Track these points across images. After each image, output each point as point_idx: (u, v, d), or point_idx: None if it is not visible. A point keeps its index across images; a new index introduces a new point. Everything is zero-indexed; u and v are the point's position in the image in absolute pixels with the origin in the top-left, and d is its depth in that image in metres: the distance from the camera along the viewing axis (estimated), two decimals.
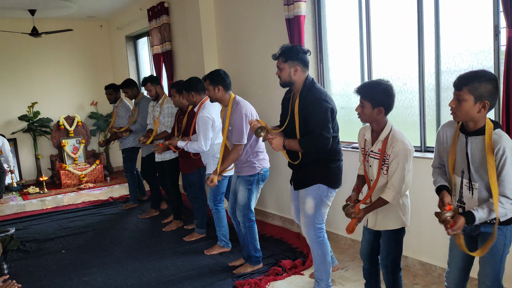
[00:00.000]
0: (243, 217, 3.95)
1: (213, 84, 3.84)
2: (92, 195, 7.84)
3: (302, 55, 3.17)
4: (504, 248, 2.34)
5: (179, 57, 6.98)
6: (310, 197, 3.26)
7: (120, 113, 6.33)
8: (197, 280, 3.92)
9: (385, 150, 2.69)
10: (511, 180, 2.17)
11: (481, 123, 2.25)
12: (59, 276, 4.25)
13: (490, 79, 2.18)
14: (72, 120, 9.10)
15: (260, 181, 3.92)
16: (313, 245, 3.36)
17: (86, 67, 9.47)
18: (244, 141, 3.78)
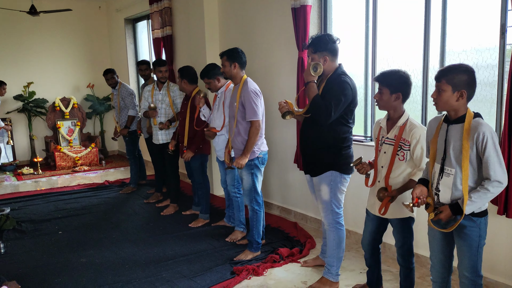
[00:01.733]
0: (250, 201, 4.03)
1: (230, 60, 3.94)
2: (87, 178, 7.82)
3: (331, 45, 3.20)
4: (480, 239, 2.44)
5: (179, 42, 6.94)
6: (324, 184, 3.33)
7: (123, 96, 6.28)
8: (195, 264, 3.95)
9: (402, 136, 2.81)
10: (494, 162, 2.28)
11: (461, 111, 2.40)
12: (56, 257, 4.25)
13: (465, 70, 2.36)
14: (68, 102, 9.04)
15: (260, 164, 4.01)
16: (330, 230, 3.42)
17: (83, 48, 9.39)
18: (259, 116, 3.85)
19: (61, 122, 8.84)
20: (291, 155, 5.00)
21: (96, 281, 3.70)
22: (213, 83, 4.45)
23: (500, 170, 2.30)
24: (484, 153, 2.30)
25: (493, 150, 2.29)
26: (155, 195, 6.12)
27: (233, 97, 4.01)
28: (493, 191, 2.34)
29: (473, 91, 2.39)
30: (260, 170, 4.03)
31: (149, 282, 3.64)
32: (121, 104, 6.29)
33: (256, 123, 3.84)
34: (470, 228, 2.44)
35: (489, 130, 2.31)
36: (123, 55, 8.96)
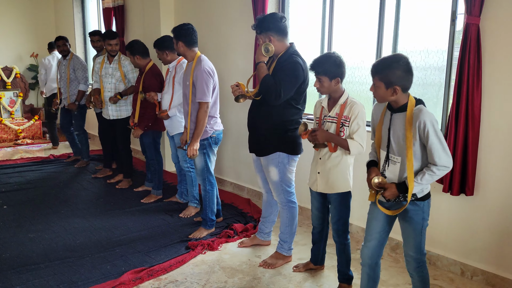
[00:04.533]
0: (203, 180, 3.99)
1: (176, 38, 3.80)
2: (30, 151, 7.53)
3: (276, 24, 3.17)
4: (423, 221, 2.53)
5: (132, 13, 6.73)
6: (272, 166, 3.37)
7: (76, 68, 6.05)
8: (150, 241, 3.93)
9: (343, 114, 2.89)
10: (437, 149, 2.34)
11: (401, 101, 2.43)
12: (2, 232, 4.10)
13: (398, 65, 2.36)
14: (10, 72, 8.60)
15: (213, 144, 3.95)
16: (283, 208, 3.49)
17: (26, 15, 8.92)
18: (208, 98, 3.71)
19: (2, 92, 8.39)
20: (244, 132, 5.00)
21: (47, 256, 3.62)
22: (161, 55, 4.40)
23: (444, 155, 2.35)
24: (427, 141, 2.34)
25: (435, 137, 2.33)
26: (103, 171, 5.99)
27: (186, 75, 3.88)
28: (439, 174, 2.39)
29: (409, 82, 2.40)
30: (213, 150, 3.97)
31: (102, 257, 3.60)
32: (71, 76, 6.06)
33: (205, 105, 3.70)
34: (414, 212, 2.50)
35: (429, 117, 2.35)
36: (70, 25, 8.59)
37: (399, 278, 3.40)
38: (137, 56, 4.72)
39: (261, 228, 3.89)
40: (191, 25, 3.83)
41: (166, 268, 3.44)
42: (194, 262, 3.60)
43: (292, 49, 3.24)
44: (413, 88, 3.68)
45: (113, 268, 3.43)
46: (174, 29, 3.82)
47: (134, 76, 5.20)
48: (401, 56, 2.40)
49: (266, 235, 3.89)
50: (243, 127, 5.02)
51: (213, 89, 3.79)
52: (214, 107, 3.88)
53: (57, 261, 3.53)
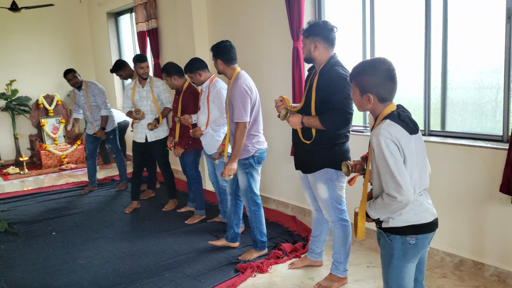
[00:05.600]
0: (247, 201, 3.89)
1: (215, 57, 3.77)
2: (74, 176, 7.66)
3: (325, 32, 3.09)
4: (391, 258, 2.23)
5: (165, 35, 6.79)
6: (320, 183, 3.24)
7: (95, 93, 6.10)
8: (197, 264, 3.87)
9: None
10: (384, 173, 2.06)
11: (377, 112, 2.19)
12: (52, 259, 4.13)
13: (375, 70, 2.12)
14: (52, 99, 8.82)
15: (255, 163, 3.82)
16: (335, 227, 3.35)
17: (65, 44, 9.16)
18: (246, 118, 3.62)
19: (45, 119, 8.62)
20: (287, 147, 4.94)
21: (97, 283, 3.60)
22: (195, 78, 4.36)
23: (391, 182, 2.03)
24: (376, 162, 2.10)
25: (382, 159, 2.04)
26: (146, 192, 6.00)
27: (227, 93, 3.85)
28: (388, 203, 2.07)
29: (386, 90, 2.13)
30: (256, 169, 3.83)
31: (152, 283, 3.56)
32: (92, 103, 6.09)
33: (242, 125, 3.61)
34: (384, 242, 2.26)
35: (384, 133, 2.04)
36: (106, 50, 8.77)
37: None
38: (174, 77, 4.73)
39: (312, 248, 3.75)
40: (229, 42, 3.78)
41: None
42: (244, 286, 3.50)
43: (334, 59, 3.14)
44: (468, 91, 3.59)
45: None
46: (212, 47, 3.78)
47: (167, 96, 5.21)
48: (382, 61, 2.15)
49: (317, 255, 3.75)
50: (284, 141, 4.95)
51: (252, 107, 3.70)
52: (255, 125, 3.77)
53: None
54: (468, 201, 3.45)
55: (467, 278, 3.42)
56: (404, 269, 2.22)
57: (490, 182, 3.30)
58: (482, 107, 3.57)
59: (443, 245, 3.66)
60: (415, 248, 2.19)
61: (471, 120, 3.66)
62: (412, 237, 2.17)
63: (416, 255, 2.22)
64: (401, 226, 2.17)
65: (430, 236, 2.23)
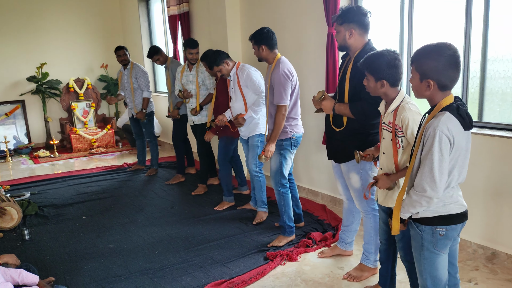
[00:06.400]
0: (276, 184, 3.88)
1: (257, 44, 3.78)
2: (104, 160, 7.73)
3: (360, 17, 2.98)
4: (423, 249, 2.22)
5: (197, 18, 6.73)
6: (353, 172, 3.17)
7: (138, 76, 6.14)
8: (227, 250, 3.85)
9: (395, 122, 2.49)
10: (426, 165, 2.03)
11: (435, 100, 2.09)
12: (82, 243, 4.17)
13: (438, 55, 2.02)
14: (82, 83, 8.91)
15: (292, 146, 3.84)
16: (367, 216, 3.29)
17: (96, 28, 9.20)
18: (286, 101, 3.68)
19: (76, 103, 8.72)
20: (319, 136, 4.85)
21: (127, 268, 3.62)
22: (223, 69, 4.31)
23: (428, 177, 2.02)
24: (423, 152, 2.05)
25: (433, 152, 1.99)
26: (176, 177, 6.02)
27: (266, 77, 3.87)
28: (416, 199, 2.08)
29: (447, 78, 2.03)
30: (290, 152, 3.85)
31: (182, 269, 3.55)
32: (134, 85, 6.15)
33: (283, 108, 3.66)
34: (414, 234, 2.26)
35: (442, 128, 1.98)
36: (137, 34, 8.77)
37: None
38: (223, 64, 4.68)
39: (342, 238, 3.69)
40: (268, 28, 3.81)
41: (247, 281, 3.32)
42: (274, 274, 3.46)
43: (369, 46, 3.04)
44: (508, 81, 3.43)
45: (193, 280, 3.36)
46: (254, 35, 3.80)
47: (212, 82, 5.21)
48: (447, 46, 2.03)
49: (348, 245, 3.69)
50: (315, 129, 4.86)
51: (292, 91, 3.73)
52: (294, 109, 3.81)
53: (137, 273, 3.52)
54: (504, 194, 3.35)
55: (499, 271, 3.33)
56: (436, 261, 2.22)
57: None
58: None
59: (476, 237, 3.56)
60: (445, 239, 2.19)
61: (510, 111, 3.52)
62: (442, 228, 2.17)
63: (446, 246, 2.21)
64: (431, 217, 2.17)
65: (460, 228, 2.23)
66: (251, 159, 4.38)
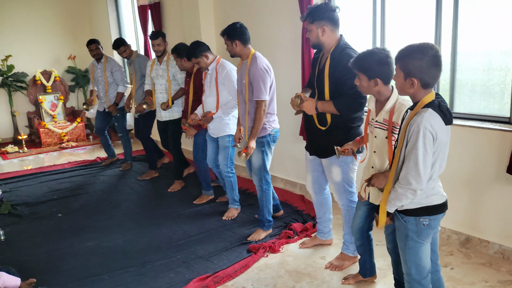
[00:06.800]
0: (259, 180, 3.89)
1: (231, 39, 3.72)
2: (75, 154, 7.58)
3: (330, 13, 3.01)
4: (406, 239, 2.32)
5: (169, 9, 6.62)
6: (335, 165, 3.21)
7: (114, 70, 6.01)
8: (209, 244, 3.85)
9: (392, 119, 2.54)
10: (411, 159, 2.12)
11: (418, 97, 2.18)
12: (59, 242, 4.10)
13: (422, 54, 2.09)
14: (49, 75, 8.67)
15: (271, 142, 3.87)
16: (345, 209, 3.35)
17: (62, 17, 8.95)
18: (266, 97, 3.66)
19: (43, 96, 8.49)
20: (295, 127, 4.87)
21: (108, 266, 3.58)
22: (202, 61, 4.22)
23: (413, 170, 2.11)
24: (408, 147, 2.13)
25: (414, 147, 2.09)
26: (149, 173, 5.95)
27: (241, 73, 3.81)
28: (402, 193, 2.17)
29: (430, 77, 2.11)
30: (270, 148, 3.88)
31: (165, 265, 3.54)
32: (109, 79, 6.02)
33: (263, 104, 3.65)
34: (399, 224, 2.35)
35: (426, 124, 2.06)
36: (105, 24, 8.57)
37: (474, 276, 3.20)
38: (184, 59, 4.63)
39: (320, 229, 3.76)
40: (241, 23, 3.75)
41: (231, 274, 3.35)
42: (258, 266, 3.50)
43: (343, 42, 3.08)
44: (477, 73, 3.53)
45: (177, 276, 3.36)
46: (226, 30, 3.73)
47: (182, 76, 5.09)
48: (430, 46, 2.11)
49: (326, 234, 3.77)
50: (291, 121, 4.88)
51: (270, 86, 3.72)
52: (271, 104, 3.80)
53: (119, 271, 3.49)
54: (475, 181, 3.48)
55: (473, 256, 3.46)
56: (420, 249, 2.32)
57: (497, 163, 3.31)
58: (490, 89, 3.55)
59: (450, 223, 3.68)
60: (428, 229, 2.29)
61: (479, 101, 3.64)
62: (425, 218, 2.28)
63: (429, 236, 2.32)
64: (415, 208, 2.28)
65: (441, 217, 2.34)
66: (223, 159, 4.35)
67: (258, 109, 3.66)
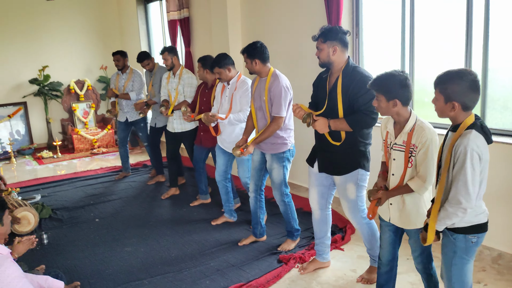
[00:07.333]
0: (281, 194, 4.04)
1: (251, 57, 3.84)
2: (106, 160, 7.88)
3: (341, 35, 3.18)
4: (454, 256, 2.41)
5: (197, 24, 6.87)
6: (351, 183, 3.30)
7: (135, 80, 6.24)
8: (240, 253, 4.04)
9: (412, 142, 2.63)
10: (460, 180, 2.23)
11: (459, 120, 2.32)
12: (100, 246, 4.34)
13: (461, 80, 2.24)
14: (82, 84, 9.01)
15: (290, 157, 3.99)
16: (362, 227, 3.46)
17: (95, 30, 9.31)
18: (284, 113, 3.78)
19: (76, 104, 8.83)
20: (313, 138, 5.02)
21: (147, 271, 3.80)
22: (223, 73, 4.35)
23: (463, 190, 2.23)
24: (455, 168, 2.25)
25: (465, 168, 2.21)
26: (156, 177, 6.35)
27: (260, 90, 3.91)
28: (452, 212, 2.29)
29: (470, 100, 2.27)
30: (290, 163, 4.01)
31: (200, 272, 3.75)
32: (129, 89, 6.21)
33: (279, 120, 3.76)
34: (446, 241, 2.44)
35: (472, 145, 2.20)
36: (135, 37, 8.88)
37: None
38: (207, 70, 4.84)
39: (319, 250, 3.76)
40: (261, 42, 3.89)
41: (264, 284, 3.52)
42: (289, 277, 3.66)
43: (351, 61, 3.24)
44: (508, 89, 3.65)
45: (212, 284, 3.56)
46: (246, 49, 3.86)
47: (189, 90, 5.26)
48: (468, 72, 2.27)
49: (326, 256, 3.79)
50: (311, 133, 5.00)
51: (289, 103, 3.84)
52: (290, 120, 3.93)
53: (158, 276, 3.71)
54: (507, 197, 3.55)
55: (506, 272, 3.51)
56: (465, 266, 2.43)
57: None
58: None
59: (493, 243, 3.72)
60: (475, 246, 2.41)
61: (511, 117, 3.72)
62: (474, 236, 2.39)
63: (475, 252, 2.44)
64: (465, 226, 2.38)
65: (485, 234, 2.45)
66: (243, 172, 4.53)
67: (273, 123, 3.78)
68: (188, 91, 5.29)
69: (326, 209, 3.64)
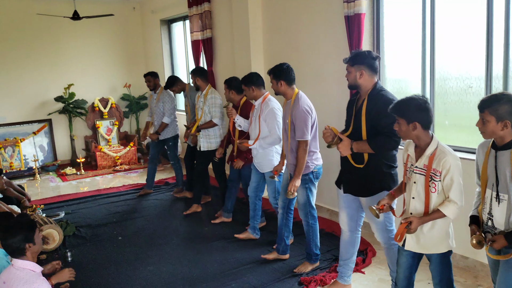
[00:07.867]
0: (305, 215, 4.06)
1: (276, 78, 3.92)
2: (128, 177, 7.99)
3: (370, 60, 3.23)
4: None
5: (220, 44, 6.99)
6: None
7: (165, 101, 6.40)
8: (261, 274, 4.06)
9: (433, 166, 2.68)
10: None
11: (507, 138, 2.44)
12: (123, 265, 4.40)
13: (508, 100, 2.40)
14: (106, 102, 9.20)
15: (314, 178, 4.00)
16: (389, 248, 3.45)
17: (119, 49, 9.54)
18: (308, 137, 3.81)
19: (100, 122, 9.01)
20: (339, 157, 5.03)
21: None
22: (247, 91, 4.50)
23: None
24: None
25: None
26: (184, 192, 6.50)
27: (285, 113, 4.00)
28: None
29: None
30: (314, 185, 4.02)
31: None
32: (160, 109, 6.41)
33: (304, 144, 3.80)
34: None
35: None
36: (158, 56, 9.07)
37: None
38: (232, 91, 4.96)
39: (342, 272, 3.73)
40: (287, 64, 3.96)
41: None
42: None
43: (379, 85, 3.28)
44: None
45: None
46: (273, 70, 3.95)
47: (213, 110, 5.44)
48: (509, 93, 2.45)
49: (348, 279, 3.76)
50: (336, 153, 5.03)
51: (312, 125, 3.88)
52: (314, 142, 3.94)
53: None
54: None
55: None
56: None
57: None
58: None
59: None
60: None
61: None
62: None
63: None
64: None
65: None
66: (271, 192, 4.66)
67: (300, 149, 3.81)
68: (213, 111, 5.44)
69: (356, 232, 3.63)
